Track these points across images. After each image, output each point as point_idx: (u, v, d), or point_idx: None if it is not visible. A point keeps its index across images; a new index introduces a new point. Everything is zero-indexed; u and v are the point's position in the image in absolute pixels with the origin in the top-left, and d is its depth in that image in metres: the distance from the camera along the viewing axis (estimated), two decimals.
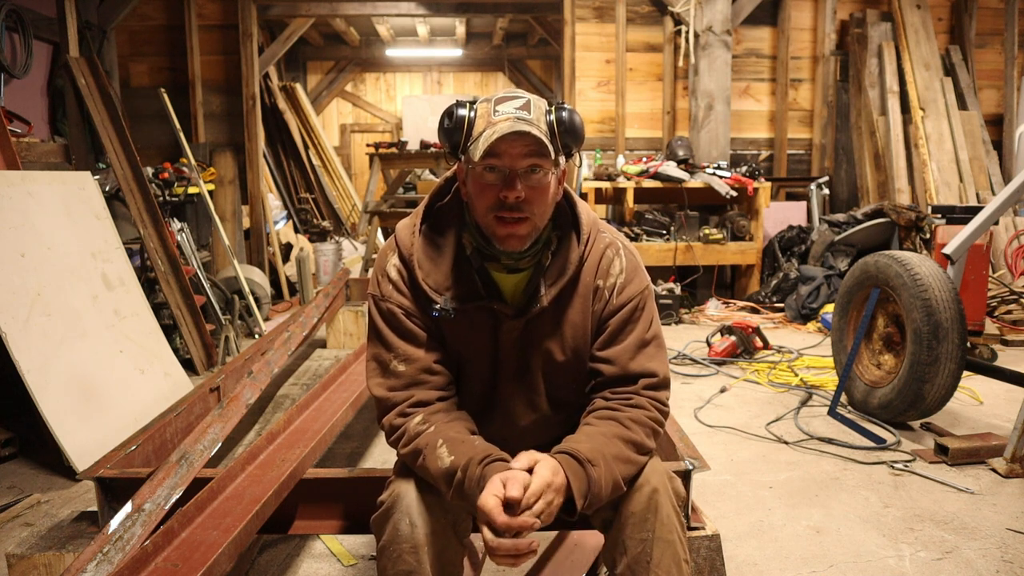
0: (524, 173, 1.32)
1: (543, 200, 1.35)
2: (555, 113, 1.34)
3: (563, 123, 1.33)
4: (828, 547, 2.25)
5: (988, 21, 6.73)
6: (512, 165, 1.32)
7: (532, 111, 1.33)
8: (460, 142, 1.35)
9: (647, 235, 5.94)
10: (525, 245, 1.37)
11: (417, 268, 1.41)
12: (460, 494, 1.30)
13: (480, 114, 1.35)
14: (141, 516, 1.69)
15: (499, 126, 1.30)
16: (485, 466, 1.29)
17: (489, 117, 1.33)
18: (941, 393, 3.03)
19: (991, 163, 6.37)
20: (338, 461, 2.94)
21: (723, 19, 6.11)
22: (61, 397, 2.84)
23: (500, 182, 1.33)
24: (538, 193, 1.34)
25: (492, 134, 1.29)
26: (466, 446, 1.33)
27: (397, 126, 11.60)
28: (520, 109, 1.32)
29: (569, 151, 1.37)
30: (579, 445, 1.31)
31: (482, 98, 1.38)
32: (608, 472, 1.29)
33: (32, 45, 4.89)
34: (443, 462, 1.31)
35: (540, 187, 1.34)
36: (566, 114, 1.34)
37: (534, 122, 1.31)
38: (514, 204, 1.32)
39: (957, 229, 3.64)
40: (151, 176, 4.72)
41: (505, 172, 1.32)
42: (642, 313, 1.45)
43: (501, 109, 1.32)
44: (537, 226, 1.37)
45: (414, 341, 1.43)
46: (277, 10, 7.21)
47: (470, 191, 1.38)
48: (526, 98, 1.34)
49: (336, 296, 4.62)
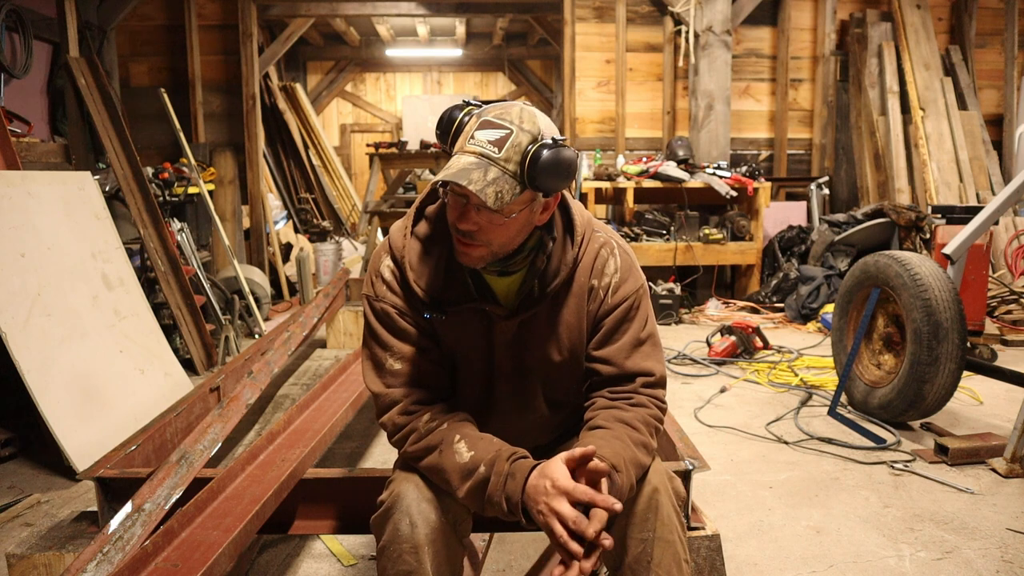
0: (481, 206, 1.26)
1: (500, 235, 1.30)
2: (533, 151, 1.23)
3: (537, 160, 1.22)
4: (828, 547, 2.25)
5: (988, 21, 6.74)
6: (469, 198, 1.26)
7: (505, 147, 1.23)
8: (447, 143, 1.35)
9: (647, 235, 5.94)
10: (481, 265, 1.35)
11: (409, 270, 1.41)
12: (479, 489, 1.29)
13: (466, 129, 1.29)
14: (141, 516, 1.69)
15: (461, 159, 1.24)
16: (512, 463, 1.28)
17: (466, 139, 1.27)
18: (941, 393, 3.03)
19: (991, 163, 6.37)
20: (338, 461, 2.94)
21: (723, 19, 6.11)
22: (61, 397, 2.84)
23: (458, 207, 1.29)
24: (493, 228, 1.28)
25: (449, 167, 1.24)
26: (485, 442, 1.33)
27: (397, 126, 11.59)
28: (492, 144, 1.24)
29: (547, 190, 1.27)
30: (602, 451, 1.28)
31: (484, 107, 1.32)
32: (628, 478, 1.29)
33: (32, 45, 4.89)
34: (462, 457, 1.31)
35: (493, 224, 1.28)
36: (547, 153, 1.23)
37: (498, 161, 1.23)
38: (464, 233, 1.29)
39: (957, 229, 3.64)
40: (151, 176, 4.72)
41: (463, 201, 1.27)
42: (637, 312, 1.45)
43: (477, 136, 1.25)
44: (496, 253, 1.33)
45: (409, 340, 1.42)
46: (277, 10, 7.21)
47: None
48: (508, 130, 1.24)
49: (336, 296, 4.62)
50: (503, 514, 1.28)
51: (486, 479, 1.29)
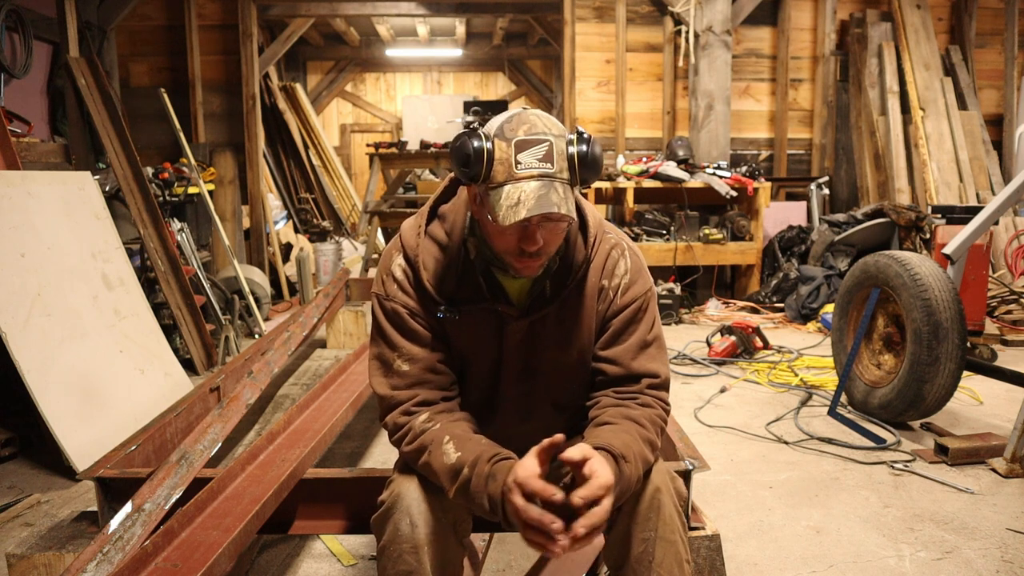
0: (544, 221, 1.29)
1: (559, 239, 1.34)
2: (577, 147, 1.27)
3: (584, 159, 1.28)
4: (828, 547, 2.25)
5: (988, 21, 6.74)
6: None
7: (555, 160, 1.25)
8: (479, 175, 1.26)
9: (647, 235, 5.94)
10: (540, 272, 1.38)
11: (422, 269, 1.41)
12: (464, 491, 1.29)
13: (499, 157, 1.25)
14: (141, 516, 1.69)
15: (524, 186, 1.23)
16: (494, 464, 1.28)
17: (511, 167, 1.24)
18: (941, 393, 3.03)
19: (991, 163, 6.37)
20: (338, 461, 2.94)
21: (723, 19, 6.11)
22: (61, 397, 2.84)
23: (520, 232, 1.29)
24: (556, 235, 1.32)
25: (518, 205, 1.22)
26: (473, 443, 1.33)
27: (397, 126, 11.60)
28: (543, 161, 1.24)
29: (587, 183, 1.32)
30: (612, 440, 1.29)
31: (495, 128, 1.28)
32: (636, 470, 1.29)
33: (32, 45, 4.89)
34: (449, 458, 1.31)
35: (558, 231, 1.32)
36: (587, 148, 1.28)
37: (556, 175, 1.25)
38: (536, 252, 1.31)
39: (957, 229, 3.64)
40: (151, 176, 4.72)
41: (526, 224, 1.27)
42: (645, 314, 1.46)
43: (523, 160, 1.24)
44: (552, 256, 1.38)
45: (418, 341, 1.42)
46: (277, 10, 7.21)
47: (486, 228, 1.35)
48: (547, 141, 1.25)
49: (336, 296, 4.62)
50: (487, 514, 1.28)
51: (469, 480, 1.29)
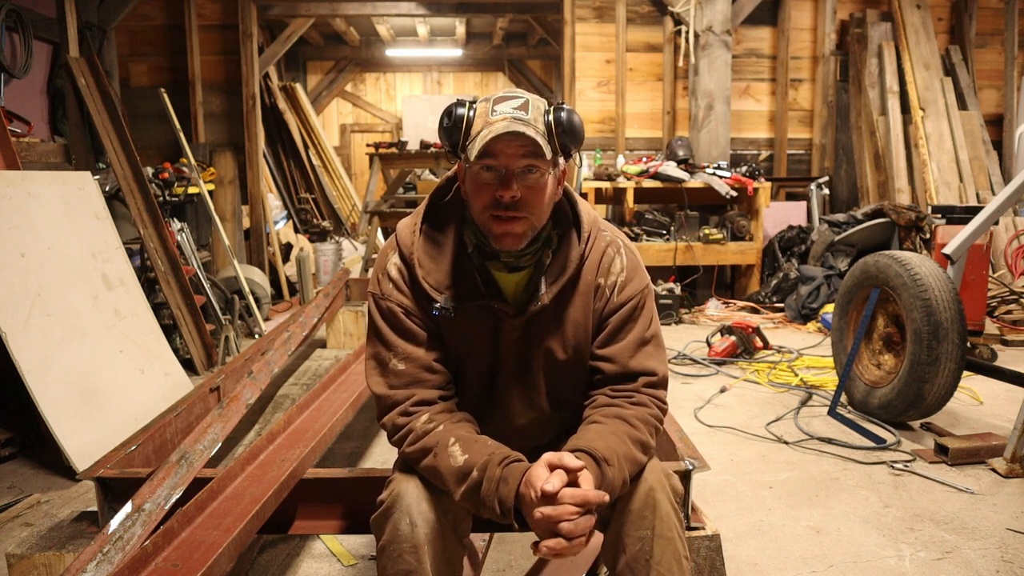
0: (520, 173, 1.32)
1: (539, 200, 1.35)
2: (554, 113, 1.33)
3: (561, 123, 1.33)
4: (828, 547, 2.25)
5: (988, 21, 6.73)
6: (508, 165, 1.32)
7: (530, 111, 1.33)
8: (459, 141, 1.35)
9: (647, 235, 5.94)
10: (521, 244, 1.37)
11: (418, 267, 1.41)
12: (474, 493, 1.29)
13: (479, 113, 1.35)
14: (141, 516, 1.69)
15: (495, 126, 1.30)
16: (504, 467, 1.28)
17: (487, 117, 1.33)
18: (941, 393, 3.03)
19: (991, 163, 6.37)
20: (338, 461, 2.94)
21: (723, 19, 6.11)
22: (61, 397, 2.84)
23: (496, 181, 1.33)
24: (534, 193, 1.34)
25: (488, 134, 1.30)
26: (479, 445, 1.33)
27: (397, 126, 11.59)
28: (518, 109, 1.32)
29: (568, 152, 1.36)
30: (594, 443, 1.30)
31: (482, 98, 1.38)
32: (620, 472, 1.29)
33: (32, 45, 4.89)
34: (456, 460, 1.31)
35: (536, 187, 1.34)
36: (564, 114, 1.33)
37: (531, 122, 1.31)
38: (510, 203, 1.32)
39: (957, 229, 3.64)
40: (151, 176, 4.72)
41: (501, 172, 1.32)
42: (642, 312, 1.46)
43: (499, 109, 1.33)
44: (534, 225, 1.37)
45: (414, 340, 1.43)
46: (277, 10, 7.21)
47: (468, 189, 1.39)
48: (524, 98, 1.35)
49: (336, 296, 4.62)
50: (497, 517, 1.28)
51: (479, 483, 1.29)
